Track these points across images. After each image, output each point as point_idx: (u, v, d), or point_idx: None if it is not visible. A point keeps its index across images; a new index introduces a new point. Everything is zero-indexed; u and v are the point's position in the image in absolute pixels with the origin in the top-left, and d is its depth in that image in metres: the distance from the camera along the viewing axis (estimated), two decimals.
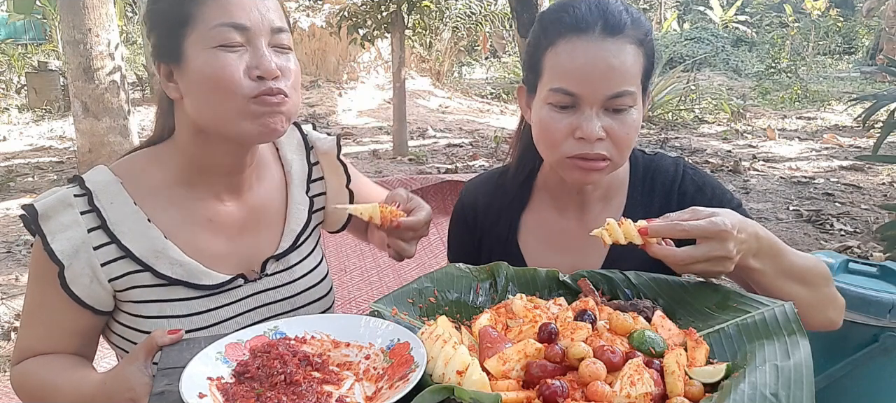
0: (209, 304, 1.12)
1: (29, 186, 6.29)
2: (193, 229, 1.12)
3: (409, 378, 0.79)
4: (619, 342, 0.85)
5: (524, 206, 1.31)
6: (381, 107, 10.29)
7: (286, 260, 1.21)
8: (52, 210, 1.05)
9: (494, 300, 1.05)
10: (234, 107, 1.02)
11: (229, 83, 1.00)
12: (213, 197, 1.14)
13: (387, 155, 7.39)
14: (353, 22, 6.99)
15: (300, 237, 1.23)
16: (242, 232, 1.17)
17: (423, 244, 4.65)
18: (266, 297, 1.18)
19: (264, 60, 1.02)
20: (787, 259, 1.03)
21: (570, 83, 1.07)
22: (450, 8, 10.65)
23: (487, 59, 14.98)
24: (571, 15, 1.09)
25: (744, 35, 16.64)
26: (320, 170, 1.31)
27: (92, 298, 1.07)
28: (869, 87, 11.21)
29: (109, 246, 1.06)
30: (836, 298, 1.10)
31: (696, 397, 0.78)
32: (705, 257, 0.95)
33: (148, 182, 1.11)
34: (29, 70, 11.15)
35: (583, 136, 1.07)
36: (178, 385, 0.79)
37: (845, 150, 7.32)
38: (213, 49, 1.01)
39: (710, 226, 0.94)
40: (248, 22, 1.01)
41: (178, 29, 1.02)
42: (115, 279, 1.07)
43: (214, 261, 1.13)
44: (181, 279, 1.09)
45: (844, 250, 4.19)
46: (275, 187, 1.23)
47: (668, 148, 7.64)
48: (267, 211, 1.21)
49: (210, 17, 1.01)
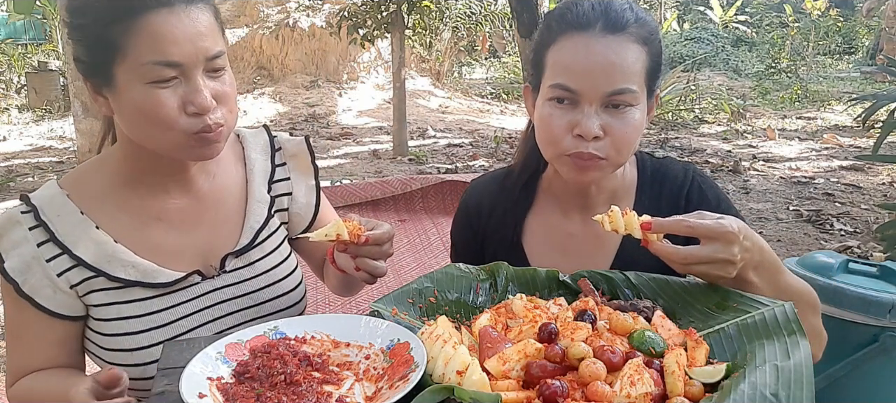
0: (166, 302, 1.12)
1: (29, 186, 6.29)
2: (143, 228, 1.12)
3: (409, 378, 0.79)
4: (619, 342, 0.85)
5: (529, 209, 1.30)
6: (381, 107, 10.28)
7: (247, 256, 1.20)
8: (2, 229, 1.07)
9: (494, 300, 1.05)
10: (171, 139, 1.02)
11: (165, 120, 0.99)
12: (159, 192, 1.14)
13: (387, 155, 7.39)
14: (353, 22, 6.98)
15: (260, 234, 1.21)
16: (195, 226, 1.16)
17: (424, 244, 4.66)
18: (226, 293, 1.17)
19: (199, 96, 0.99)
20: (783, 279, 1.02)
21: (570, 78, 1.07)
22: (450, 8, 10.65)
23: (487, 59, 14.97)
24: (574, 12, 1.10)
25: (744, 35, 16.63)
26: (286, 170, 1.29)
27: (61, 306, 1.09)
28: (869, 87, 11.20)
29: (61, 256, 1.07)
30: (821, 331, 1.08)
31: (696, 397, 0.78)
32: (709, 258, 0.93)
33: (93, 190, 1.11)
34: (29, 70, 11.15)
35: (580, 133, 1.07)
36: (178, 385, 0.79)
37: (845, 150, 7.31)
38: (146, 85, 0.98)
39: (718, 227, 0.93)
40: (181, 58, 0.98)
41: (106, 53, 0.98)
42: (75, 286, 1.09)
43: (169, 258, 1.13)
44: (136, 280, 1.09)
45: (844, 250, 4.18)
46: (233, 183, 1.22)
47: (668, 147, 7.64)
48: (223, 206, 1.20)
49: (141, 52, 0.97)
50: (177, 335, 1.11)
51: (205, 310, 1.15)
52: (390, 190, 4.89)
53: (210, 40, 1.01)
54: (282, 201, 1.28)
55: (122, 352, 1.10)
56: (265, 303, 1.21)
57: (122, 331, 1.09)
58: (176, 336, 1.11)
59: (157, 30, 0.96)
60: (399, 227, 4.56)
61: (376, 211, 4.84)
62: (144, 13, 0.96)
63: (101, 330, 1.10)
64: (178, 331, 1.12)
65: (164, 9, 0.97)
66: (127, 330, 1.09)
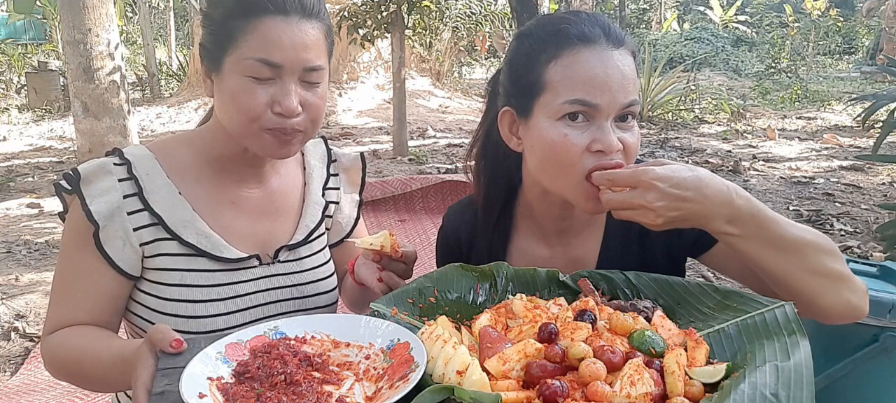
0: (226, 278, 1.17)
1: (29, 186, 6.29)
2: (218, 207, 1.20)
3: (409, 378, 0.79)
4: (619, 342, 0.85)
5: (508, 238, 1.27)
6: (380, 107, 10.29)
7: (297, 251, 1.27)
8: (93, 174, 1.13)
9: (494, 300, 1.05)
10: (252, 129, 1.11)
11: (251, 111, 1.08)
12: (236, 181, 1.22)
13: (387, 155, 7.39)
14: (353, 22, 6.98)
15: (313, 233, 1.30)
16: (261, 216, 1.25)
17: (424, 244, 4.64)
18: (276, 282, 1.24)
19: (287, 99, 1.08)
20: (776, 229, 0.96)
21: (590, 93, 1.02)
22: (450, 8, 10.64)
23: (487, 58, 14.98)
24: (574, 26, 1.05)
25: (744, 35, 16.64)
26: (338, 181, 1.40)
27: (124, 261, 1.13)
28: (869, 87, 11.21)
29: (142, 212, 1.13)
30: (849, 278, 1.00)
31: (696, 397, 0.78)
32: (625, 204, 0.96)
33: (179, 160, 1.19)
34: (29, 70, 11.17)
35: (602, 148, 1.02)
36: (178, 385, 0.79)
37: (845, 150, 7.32)
38: (245, 77, 1.08)
39: (630, 174, 0.95)
40: (281, 61, 1.07)
41: (222, 42, 1.09)
42: (145, 244, 1.13)
43: (235, 239, 1.20)
44: (205, 250, 1.15)
45: (844, 250, 4.19)
46: (294, 184, 1.32)
47: (668, 148, 7.64)
48: (284, 202, 1.29)
49: (249, 47, 1.07)
50: (231, 311, 1.17)
51: (257, 294, 1.21)
52: (390, 190, 4.89)
53: (313, 53, 1.10)
54: (330, 208, 1.37)
55: (178, 318, 1.13)
56: (308, 298, 1.28)
57: (183, 298, 1.14)
58: (230, 311, 1.16)
59: (268, 32, 1.07)
60: (399, 227, 4.56)
61: (376, 211, 4.85)
62: (262, 16, 1.07)
63: (162, 295, 1.14)
64: (233, 308, 1.17)
65: (280, 16, 1.07)
66: (187, 298, 1.14)
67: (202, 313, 1.14)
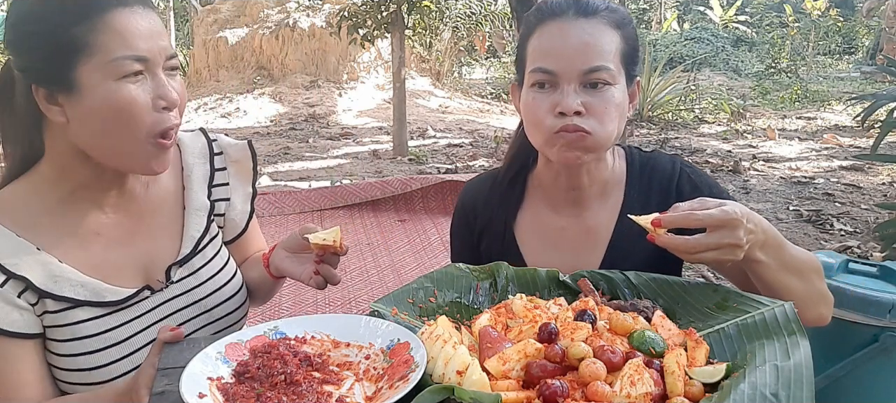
0: (119, 320, 1.10)
1: None
2: (85, 246, 1.09)
3: (409, 378, 0.79)
4: (619, 342, 0.85)
5: (519, 205, 1.33)
6: (380, 107, 10.29)
7: (190, 265, 1.19)
8: None
9: (494, 300, 1.05)
10: (135, 141, 1.02)
11: (137, 116, 1.00)
12: (95, 209, 1.11)
13: (387, 155, 7.39)
14: (353, 22, 6.98)
15: (201, 242, 1.21)
16: (134, 238, 1.15)
17: (424, 244, 4.65)
18: (176, 304, 1.17)
19: (167, 90, 1.02)
20: (787, 252, 1.04)
21: (547, 61, 1.13)
22: (450, 8, 10.65)
23: (487, 58, 14.98)
24: (548, 5, 1.17)
25: (744, 35, 16.64)
26: (226, 175, 1.28)
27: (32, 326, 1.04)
28: (869, 87, 11.21)
29: (9, 282, 1.01)
30: (826, 294, 1.12)
31: (696, 397, 0.78)
32: (717, 245, 0.95)
33: (27, 212, 1.06)
34: None
35: (562, 110, 1.10)
36: (178, 385, 0.79)
37: (845, 150, 7.32)
38: (116, 81, 0.98)
39: (722, 215, 0.95)
40: (148, 53, 1.00)
41: (67, 56, 0.97)
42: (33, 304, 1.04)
43: (114, 275, 1.10)
44: (86, 299, 1.06)
45: (844, 250, 4.19)
46: (168, 191, 1.21)
47: (668, 148, 7.64)
48: (160, 217, 1.19)
49: (109, 48, 0.97)
50: (131, 352, 1.10)
51: (158, 325, 1.14)
52: (390, 190, 4.90)
53: (166, 40, 1.05)
54: (220, 206, 1.27)
55: (80, 372, 1.07)
56: (214, 309, 1.21)
57: (78, 352, 1.06)
58: (131, 352, 1.10)
59: (123, 25, 0.99)
60: (399, 227, 4.57)
61: (376, 211, 4.85)
62: (108, 10, 0.98)
63: (58, 351, 1.07)
64: (134, 347, 1.10)
65: (125, 8, 1.00)
66: (82, 351, 1.07)
67: (103, 361, 1.07)
